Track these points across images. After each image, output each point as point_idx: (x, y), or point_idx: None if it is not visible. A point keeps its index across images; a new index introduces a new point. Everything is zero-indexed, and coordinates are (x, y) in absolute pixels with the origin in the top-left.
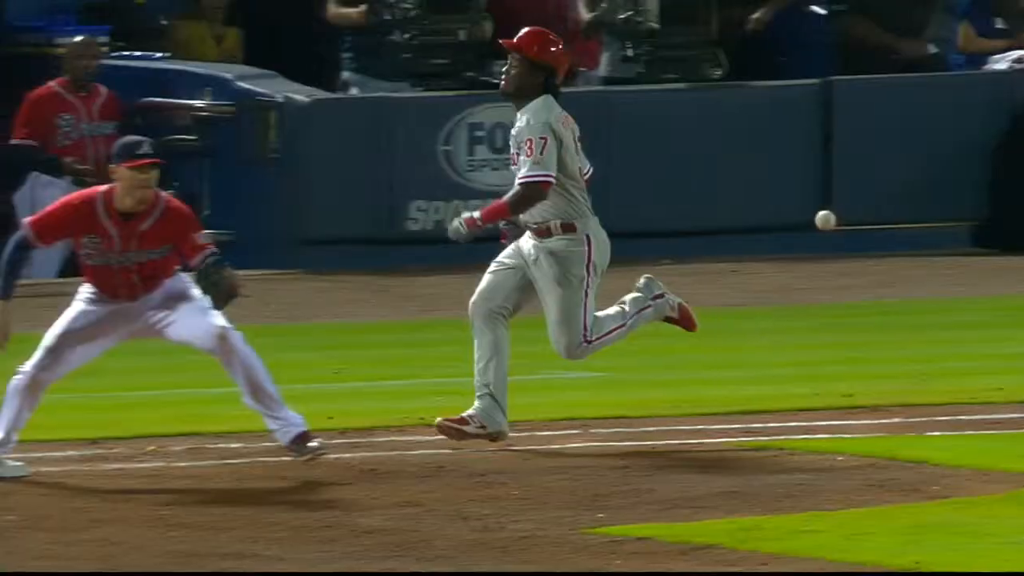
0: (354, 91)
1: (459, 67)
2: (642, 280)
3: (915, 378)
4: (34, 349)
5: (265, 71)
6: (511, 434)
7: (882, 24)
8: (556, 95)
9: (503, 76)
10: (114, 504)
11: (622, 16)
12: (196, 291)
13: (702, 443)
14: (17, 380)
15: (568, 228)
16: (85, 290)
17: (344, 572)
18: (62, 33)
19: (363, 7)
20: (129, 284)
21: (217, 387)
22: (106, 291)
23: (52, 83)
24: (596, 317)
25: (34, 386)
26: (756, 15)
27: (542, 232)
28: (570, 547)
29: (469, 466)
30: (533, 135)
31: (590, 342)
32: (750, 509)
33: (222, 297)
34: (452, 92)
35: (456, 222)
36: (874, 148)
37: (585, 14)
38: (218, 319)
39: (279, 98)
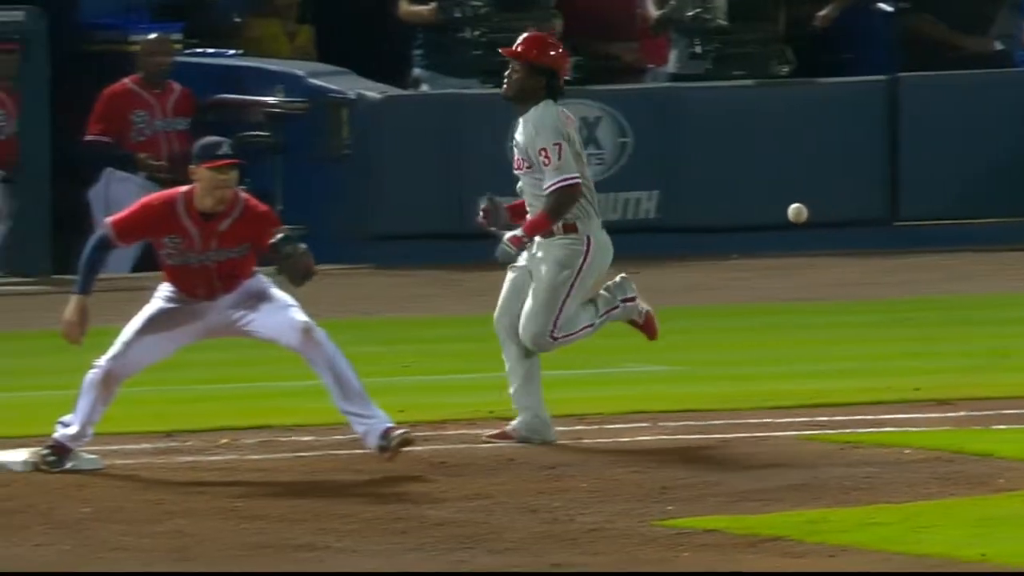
0: (425, 88)
1: None
2: (617, 279)
3: (981, 372)
4: (109, 343)
5: (337, 68)
6: (579, 427)
7: (947, 21)
8: (558, 97)
9: (505, 82)
10: (187, 496)
11: (690, 13)
12: (276, 290)
13: (770, 436)
14: (92, 374)
15: (569, 228)
16: (164, 288)
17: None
18: (136, 31)
19: (434, 5)
20: (208, 283)
21: (289, 380)
22: (185, 290)
23: (127, 80)
24: (570, 316)
25: (109, 380)
26: (823, 12)
27: (545, 233)
28: (638, 539)
29: (539, 459)
30: (547, 144)
31: (556, 338)
32: (817, 502)
33: (298, 272)
34: None
35: (502, 245)
36: (940, 144)
37: (654, 11)
38: (301, 315)
39: (351, 95)
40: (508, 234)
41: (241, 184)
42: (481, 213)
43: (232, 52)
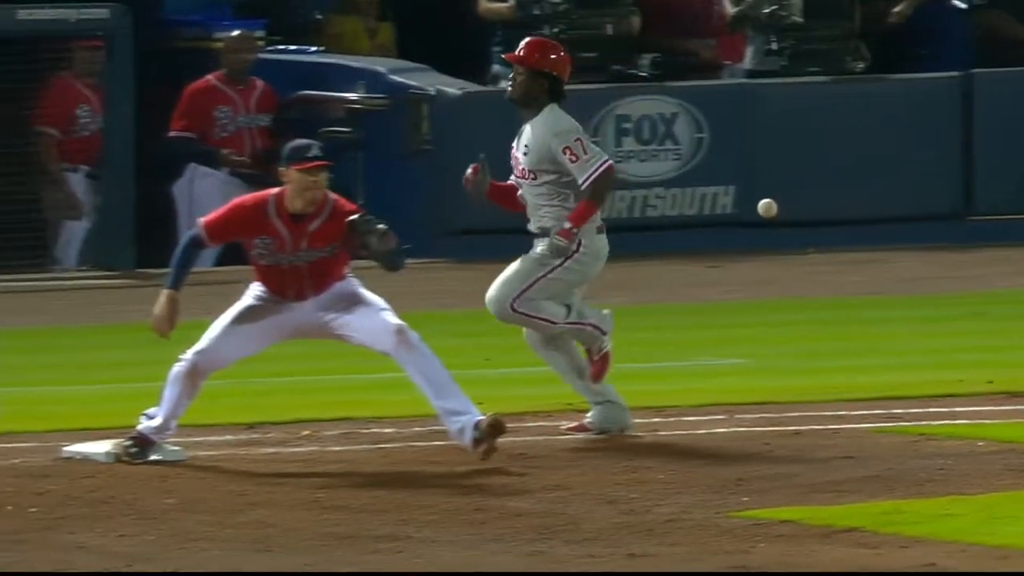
0: (503, 84)
1: (607, 60)
2: (605, 311)
3: None
4: (195, 337)
5: (418, 65)
6: (656, 419)
7: (1021, 18)
8: (561, 100)
9: (509, 86)
10: (270, 487)
11: (767, 10)
12: (368, 293)
13: (845, 428)
14: (179, 367)
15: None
16: (255, 287)
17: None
18: (219, 27)
19: (512, 2)
20: (298, 284)
21: (370, 373)
22: (275, 290)
23: (210, 76)
24: (537, 301)
25: (194, 374)
26: (897, 9)
27: (543, 231)
28: (715, 530)
29: (616, 451)
30: (567, 143)
31: (515, 310)
32: (891, 493)
33: (384, 246)
34: (600, 85)
35: (554, 240)
36: (1013, 139)
37: (731, 8)
38: (394, 318)
39: (431, 91)
40: (557, 230)
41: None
42: (470, 170)
43: (314, 49)
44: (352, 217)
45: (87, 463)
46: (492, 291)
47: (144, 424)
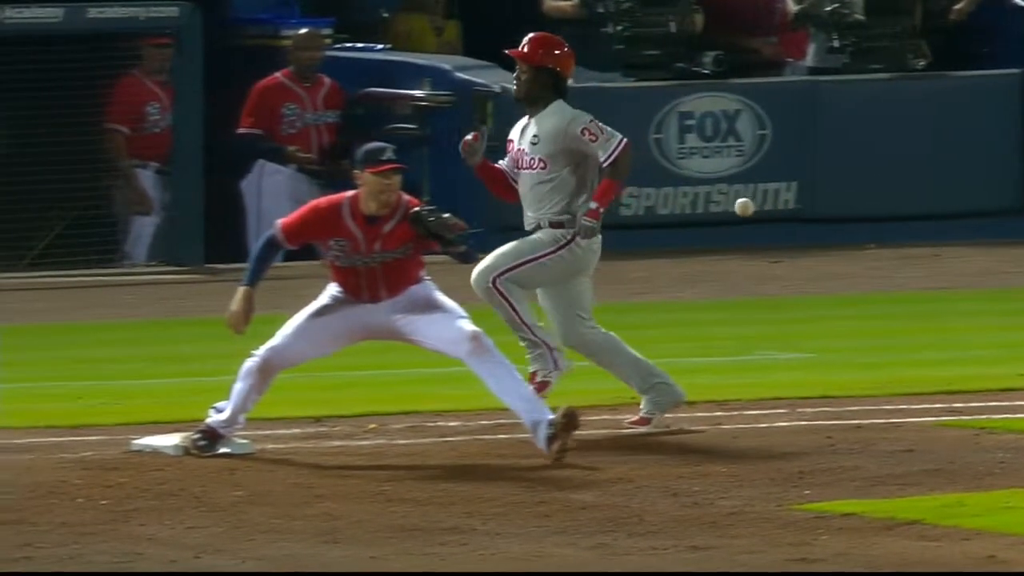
0: (568, 82)
1: (670, 58)
2: (569, 363)
3: None
4: (266, 332)
5: (483, 62)
6: (718, 413)
7: None
8: (565, 96)
9: (515, 83)
10: (336, 480)
11: (828, 8)
12: (444, 298)
13: (905, 422)
14: (250, 363)
15: (556, 225)
16: (331, 288)
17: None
18: (287, 26)
19: (577, 0)
20: (372, 285)
21: (436, 367)
22: (350, 291)
23: (278, 74)
24: (518, 292)
25: (265, 370)
26: (958, 6)
27: (535, 226)
28: (777, 522)
29: (680, 444)
30: (585, 123)
31: (495, 287)
32: (952, 486)
33: (444, 228)
34: (663, 82)
35: (583, 222)
36: None
37: (793, 6)
38: (469, 324)
39: (496, 88)
40: (584, 210)
41: None
42: (471, 135)
43: (381, 47)
44: (413, 210)
45: (156, 456)
46: (484, 261)
47: (213, 417)
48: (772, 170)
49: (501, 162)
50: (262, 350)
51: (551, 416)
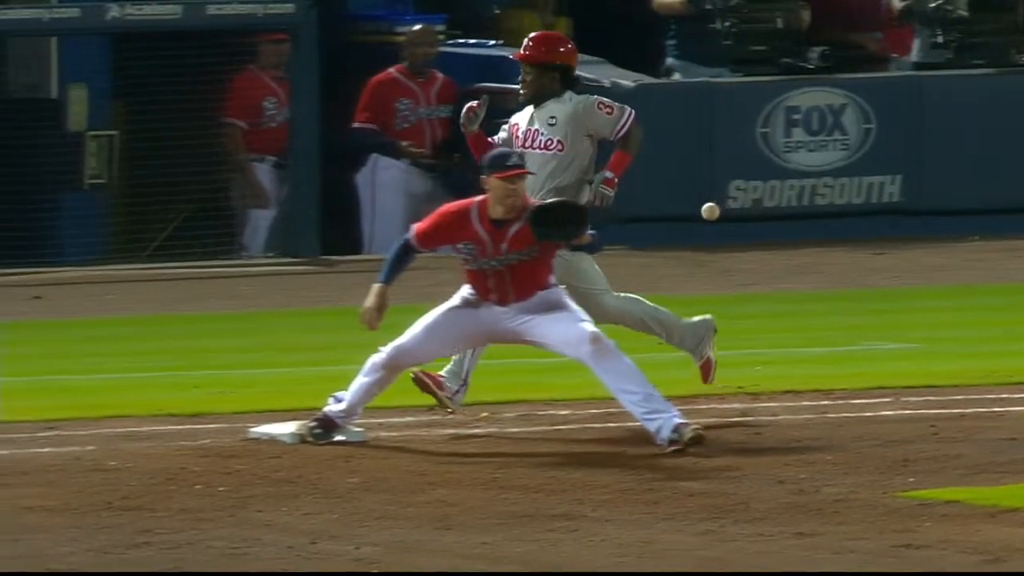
0: (677, 76)
1: (777, 53)
2: (457, 396)
3: None
4: (393, 324)
5: (593, 58)
6: (825, 402)
7: None
8: (575, 88)
9: (520, 86)
10: (449, 467)
11: (933, 4)
12: (570, 302)
13: (1009, 411)
14: (377, 358)
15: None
16: (464, 289)
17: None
18: (401, 22)
19: None
20: (501, 287)
21: (546, 357)
22: (480, 293)
23: (392, 69)
24: None
25: (391, 367)
26: None
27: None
28: (882, 509)
29: (786, 432)
30: (599, 99)
31: None
32: None
33: (553, 217)
34: (770, 77)
35: (601, 189)
36: None
37: (898, 3)
38: (590, 326)
39: (606, 83)
40: (598, 180)
41: None
42: (475, 102)
43: (492, 43)
44: (529, 209)
45: (273, 444)
46: None
47: (331, 407)
48: (877, 163)
49: (495, 137)
50: (390, 347)
51: (680, 420)
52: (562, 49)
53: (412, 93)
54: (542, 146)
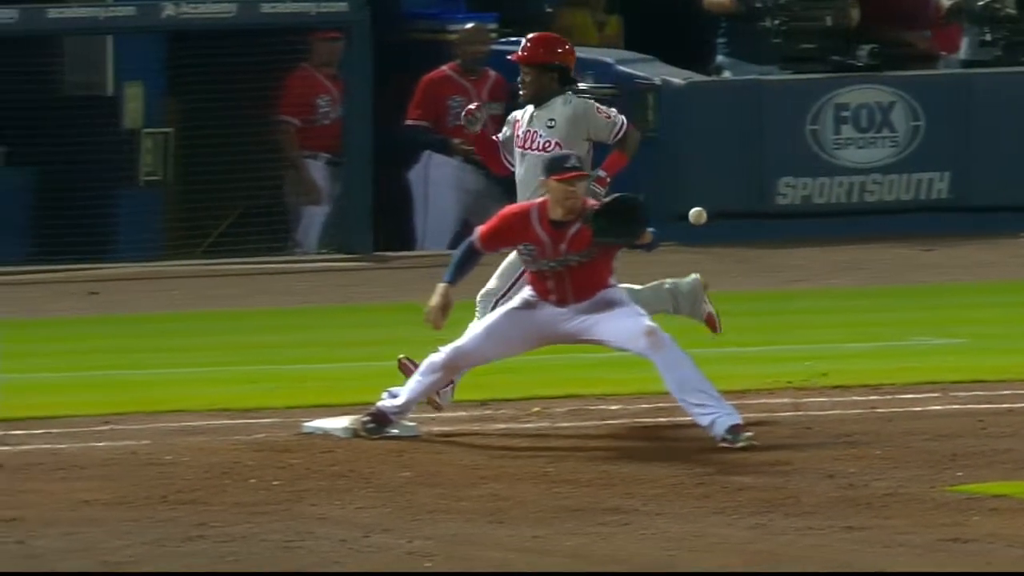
0: (727, 74)
1: (826, 51)
2: (445, 392)
3: None
4: (454, 321)
5: (644, 56)
6: (873, 397)
7: None
8: (573, 88)
9: (520, 88)
10: (502, 461)
11: (981, 3)
12: (625, 298)
13: None
14: (436, 357)
15: None
16: (525, 291)
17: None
18: (453, 20)
19: None
20: (561, 288)
21: (597, 352)
22: (540, 294)
23: (444, 67)
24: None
25: (449, 368)
26: None
27: None
28: (930, 503)
29: (835, 427)
30: (596, 104)
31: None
32: None
33: (609, 216)
34: (819, 75)
35: (591, 188)
36: None
37: (946, 1)
38: (646, 320)
39: (657, 81)
40: (592, 178)
41: None
42: (474, 105)
43: None
44: (587, 210)
45: (327, 438)
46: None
47: (386, 402)
48: (925, 160)
49: (498, 135)
50: (449, 348)
51: (737, 421)
52: (560, 50)
53: (464, 91)
54: (540, 147)
